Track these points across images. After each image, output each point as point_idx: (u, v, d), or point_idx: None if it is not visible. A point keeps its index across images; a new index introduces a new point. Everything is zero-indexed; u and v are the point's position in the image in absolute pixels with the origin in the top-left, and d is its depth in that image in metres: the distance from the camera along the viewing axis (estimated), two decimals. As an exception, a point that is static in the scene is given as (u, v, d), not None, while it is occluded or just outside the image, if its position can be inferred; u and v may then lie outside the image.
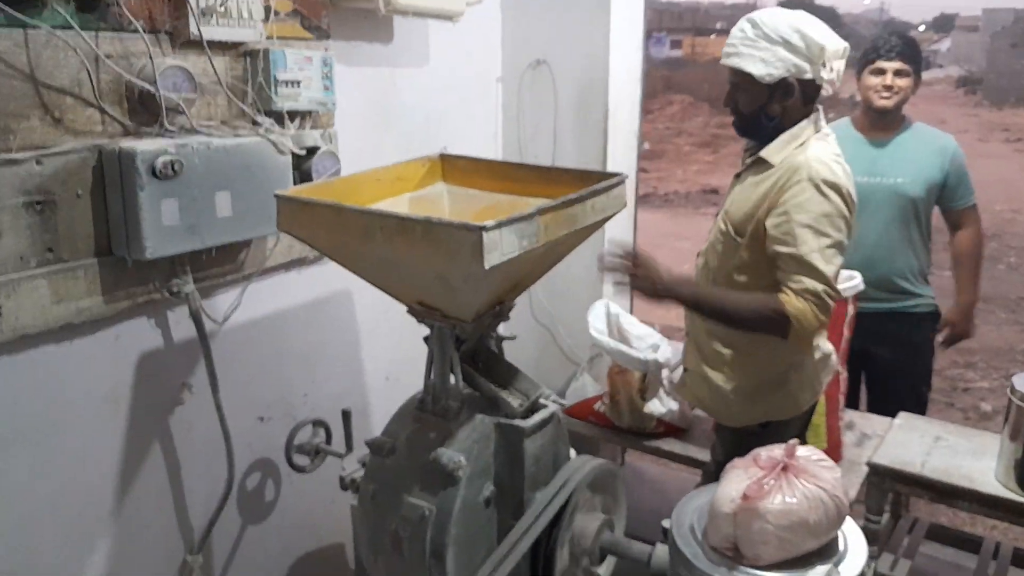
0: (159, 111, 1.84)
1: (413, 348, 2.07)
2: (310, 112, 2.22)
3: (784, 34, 1.80)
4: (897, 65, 2.75)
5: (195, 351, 2.09)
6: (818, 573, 1.14)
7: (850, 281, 2.46)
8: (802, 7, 2.20)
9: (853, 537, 1.41)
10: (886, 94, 2.77)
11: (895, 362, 2.89)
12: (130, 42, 1.81)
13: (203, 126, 1.95)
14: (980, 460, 2.33)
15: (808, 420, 2.12)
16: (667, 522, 1.50)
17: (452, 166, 2.17)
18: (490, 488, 1.88)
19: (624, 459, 3.45)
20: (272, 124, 2.09)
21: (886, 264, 2.81)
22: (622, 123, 3.08)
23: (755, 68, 1.83)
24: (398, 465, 1.90)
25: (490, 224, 1.48)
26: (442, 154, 2.17)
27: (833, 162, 1.86)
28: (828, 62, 1.84)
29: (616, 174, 1.89)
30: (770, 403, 1.98)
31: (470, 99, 3.01)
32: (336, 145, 2.33)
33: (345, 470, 2.13)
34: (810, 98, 1.90)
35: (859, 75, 2.87)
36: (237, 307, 2.19)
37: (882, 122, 2.84)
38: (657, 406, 2.65)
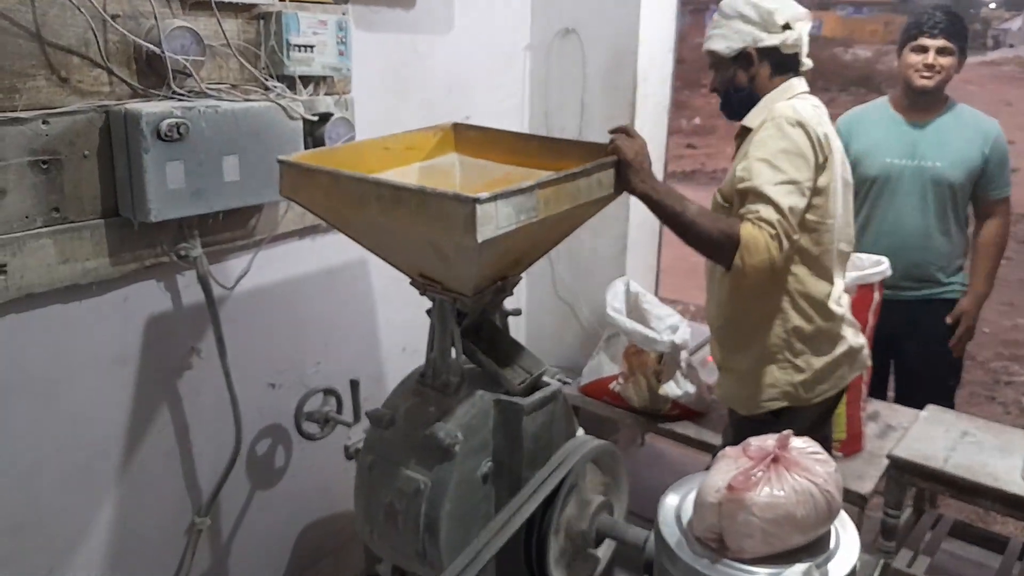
0: (166, 73, 1.83)
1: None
2: (324, 78, 2.19)
3: (738, 7, 1.86)
4: (940, 43, 2.59)
5: (204, 316, 2.10)
6: (796, 571, 1.09)
7: (877, 266, 2.36)
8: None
9: (847, 534, 1.35)
10: (927, 73, 2.62)
11: (925, 352, 2.77)
12: (138, 2, 1.80)
13: (212, 89, 1.94)
14: (1007, 458, 2.23)
15: (827, 413, 2.04)
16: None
17: (465, 136, 2.12)
18: (488, 464, 1.85)
19: (644, 440, 3.40)
20: (284, 89, 2.07)
21: (920, 251, 2.69)
22: (651, 95, 2.99)
23: (718, 45, 1.90)
24: (396, 437, 1.88)
25: (484, 196, 1.44)
26: (455, 124, 2.13)
27: (804, 108, 1.82)
28: (790, 25, 1.85)
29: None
30: (773, 388, 1.91)
31: (496, 68, 2.95)
32: (352, 112, 2.30)
33: (351, 439, 2.13)
34: (781, 66, 1.90)
35: (900, 52, 2.72)
36: (247, 273, 2.19)
37: (922, 103, 2.69)
38: (673, 388, 2.59)
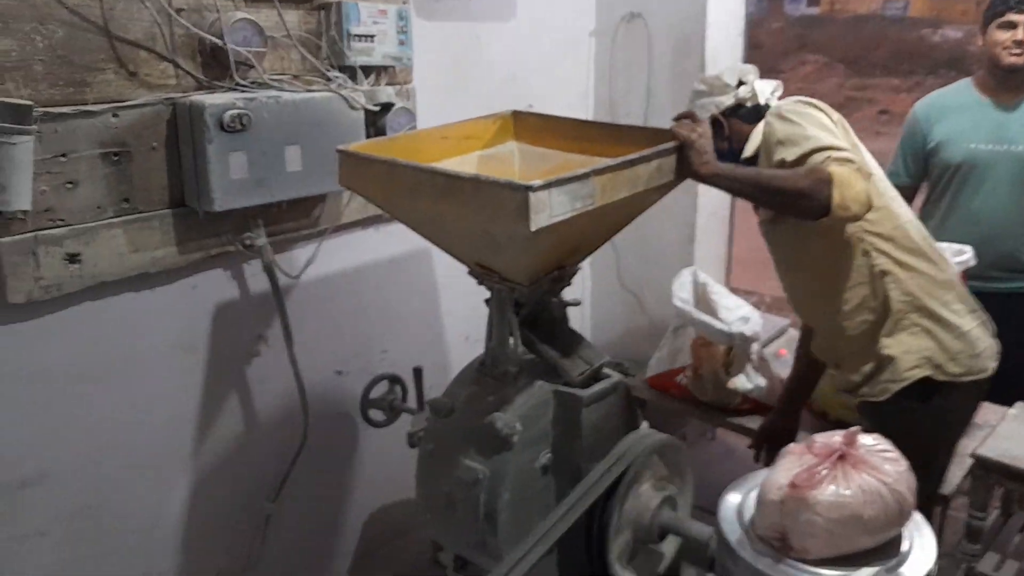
0: (229, 65, 1.86)
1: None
2: (385, 67, 2.20)
3: (695, 88, 1.98)
4: None
5: (270, 304, 2.13)
6: (863, 574, 1.03)
7: (960, 256, 2.23)
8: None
9: (922, 538, 1.27)
10: (1017, 51, 2.44)
11: (1021, 346, 2.60)
12: (203, -5, 1.83)
13: (274, 80, 1.96)
14: (1105, 459, 2.07)
15: (974, 406, 1.93)
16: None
17: (524, 124, 2.09)
18: (547, 455, 1.83)
19: (714, 434, 3.32)
20: (345, 79, 2.08)
21: (1012, 240, 2.53)
22: (721, 80, 2.89)
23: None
24: (456, 426, 1.88)
25: (537, 184, 1.41)
26: (514, 111, 2.10)
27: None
28: (742, 80, 1.92)
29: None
30: (910, 355, 1.79)
31: (559, 55, 2.91)
32: (413, 102, 2.30)
33: (413, 427, 2.13)
34: (750, 115, 1.93)
35: (984, 29, 2.55)
36: (312, 262, 2.22)
37: (1011, 82, 2.52)
38: (743, 382, 2.50)
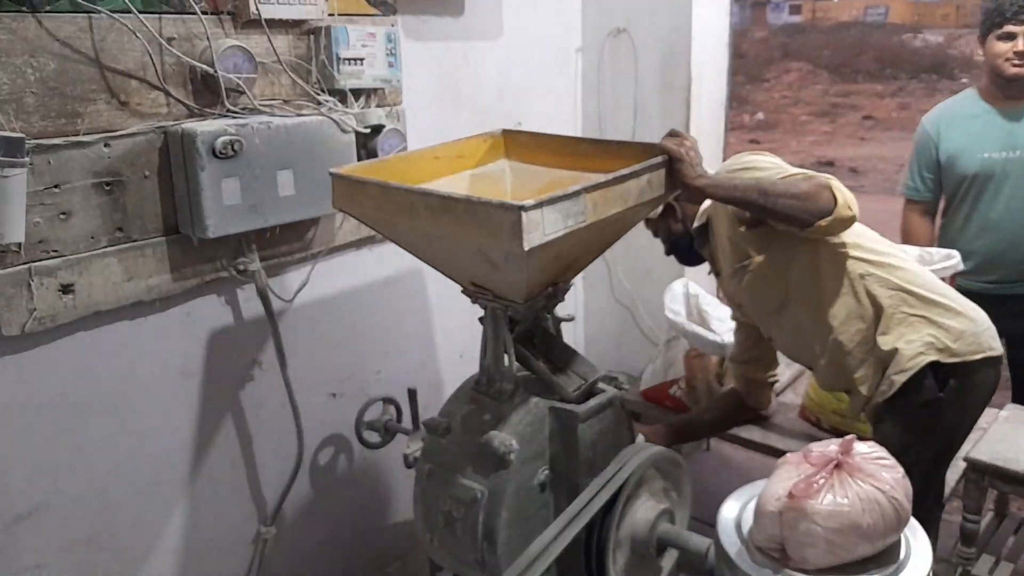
0: (221, 92, 1.87)
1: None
2: (375, 90, 2.22)
3: None
4: None
5: (265, 328, 2.14)
6: (864, 583, 1.05)
7: (948, 260, 2.26)
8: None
9: (918, 543, 1.28)
10: (1018, 61, 2.48)
11: None
12: (193, 24, 1.85)
13: (265, 105, 1.98)
14: (1097, 459, 2.10)
15: (992, 387, 1.91)
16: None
17: (515, 142, 2.11)
18: (545, 472, 1.84)
19: (709, 444, 3.33)
20: (335, 103, 2.10)
21: None
22: (707, 92, 2.93)
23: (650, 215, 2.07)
24: (453, 445, 1.88)
25: (530, 203, 1.43)
26: (504, 130, 2.12)
27: None
28: None
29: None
30: (912, 344, 1.80)
31: (547, 72, 2.94)
32: (403, 123, 2.32)
33: (409, 448, 2.14)
34: (695, 198, 2.00)
35: (983, 40, 2.59)
36: (306, 285, 2.22)
37: (1015, 90, 2.55)
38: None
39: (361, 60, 2.12)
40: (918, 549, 1.28)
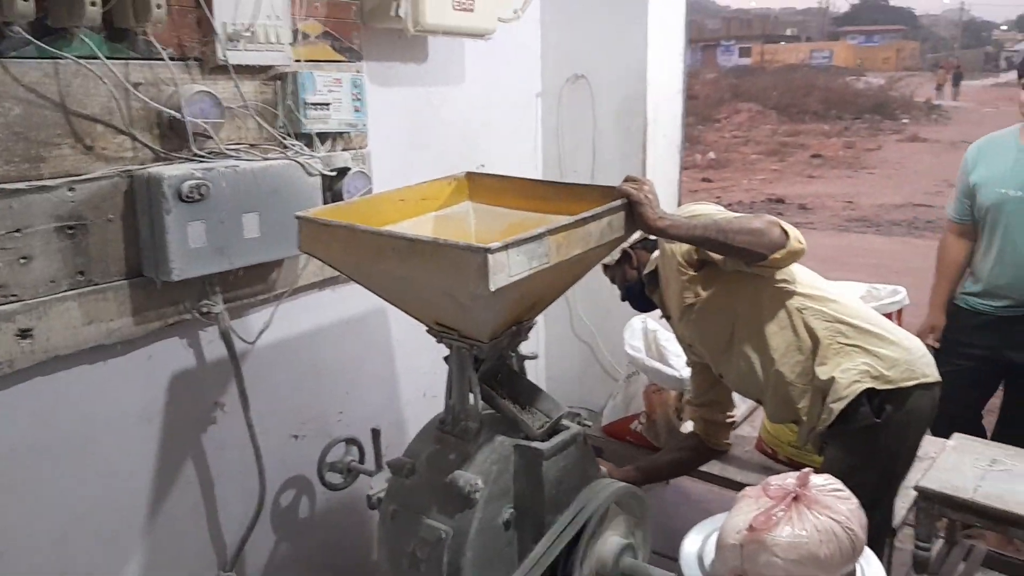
0: (187, 136, 1.89)
1: (450, 364, 2.07)
2: (341, 134, 2.26)
3: None
4: None
5: (227, 370, 2.13)
6: (821, 613, 1.08)
7: (895, 296, 2.36)
8: (877, 9, 2.24)
9: (872, 572, 1.33)
10: None
11: None
12: (160, 69, 1.87)
13: (232, 150, 2.00)
14: (1039, 487, 2.19)
15: (929, 412, 2.00)
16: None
17: (478, 184, 2.16)
18: (509, 511, 1.85)
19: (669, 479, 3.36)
20: (301, 147, 2.13)
21: None
22: (663, 135, 3.03)
23: (605, 259, 2.17)
24: (418, 486, 1.89)
25: (495, 245, 1.47)
26: (468, 172, 2.17)
27: None
28: None
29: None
30: (849, 372, 1.90)
31: (508, 116, 3.01)
32: (369, 166, 2.36)
33: (372, 489, 2.14)
34: (651, 246, 2.21)
35: (1021, 84, 2.79)
36: (268, 326, 2.22)
37: None
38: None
39: (327, 105, 2.16)
40: (873, 578, 1.33)
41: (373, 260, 1.68)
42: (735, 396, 2.39)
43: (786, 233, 1.84)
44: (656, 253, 2.17)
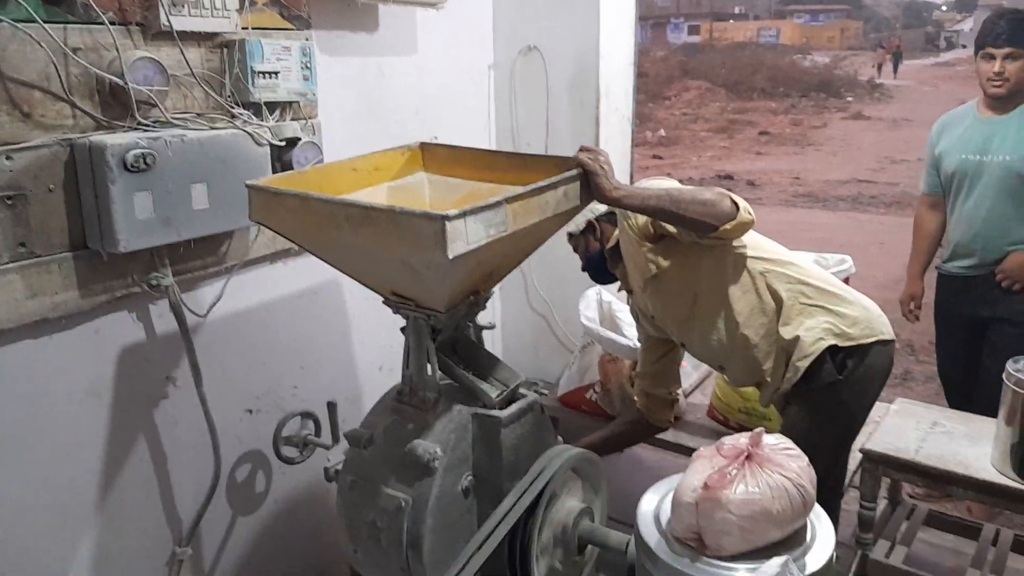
0: (131, 104, 1.83)
1: (406, 337, 2.05)
2: (290, 103, 2.21)
3: None
4: (1006, 50, 2.76)
5: (178, 344, 2.09)
6: (773, 564, 1.12)
7: (842, 265, 2.42)
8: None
9: (822, 527, 1.38)
10: (997, 81, 2.79)
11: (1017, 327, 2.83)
12: (100, 34, 1.80)
13: (178, 119, 1.95)
14: (976, 446, 2.28)
15: (886, 370, 2.05)
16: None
17: (432, 155, 2.15)
18: (468, 478, 1.86)
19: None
20: (250, 116, 2.08)
21: (999, 238, 2.82)
22: (615, 108, 3.04)
23: (571, 228, 2.24)
24: (376, 456, 1.89)
25: (453, 213, 1.46)
26: (422, 143, 2.15)
27: None
28: None
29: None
30: (812, 331, 1.95)
31: (461, 87, 2.99)
32: (319, 136, 2.32)
33: (330, 461, 2.13)
34: (614, 220, 2.22)
35: (975, 57, 2.89)
36: (220, 299, 2.19)
37: (997, 103, 2.85)
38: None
39: (276, 74, 2.11)
40: (822, 532, 1.37)
41: (326, 229, 1.65)
42: (686, 365, 2.43)
43: (736, 205, 1.87)
44: (619, 228, 2.19)
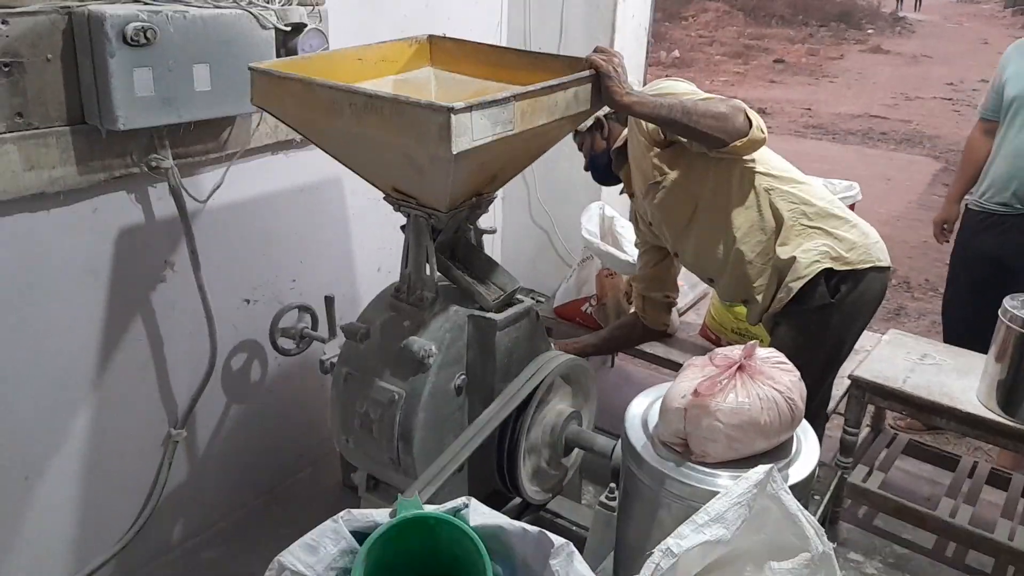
0: (132, -26, 1.76)
1: (404, 239, 2.04)
2: (298, -13, 2.13)
3: None
4: None
5: (177, 229, 2.08)
6: (757, 471, 1.14)
7: (849, 191, 2.39)
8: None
9: (808, 442, 1.40)
10: None
11: None
12: None
13: (181, -7, 1.88)
14: (964, 379, 2.30)
15: (879, 297, 2.04)
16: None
17: (441, 49, 2.09)
18: (462, 377, 1.88)
19: (613, 361, 3.46)
20: (255, -3, 2.01)
21: None
22: (631, 16, 2.94)
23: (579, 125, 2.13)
24: (371, 350, 1.91)
25: (459, 106, 1.42)
26: (431, 36, 2.09)
27: None
28: None
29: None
30: (809, 252, 1.94)
31: (474, -17, 2.89)
32: (326, 24, 2.24)
33: (325, 354, 2.15)
34: (623, 120, 2.17)
35: None
36: (220, 186, 2.16)
37: None
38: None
39: (284, -47, 2.03)
40: (807, 446, 1.39)
41: (329, 117, 1.62)
42: (683, 285, 2.43)
43: (750, 121, 1.83)
44: (627, 128, 2.14)
